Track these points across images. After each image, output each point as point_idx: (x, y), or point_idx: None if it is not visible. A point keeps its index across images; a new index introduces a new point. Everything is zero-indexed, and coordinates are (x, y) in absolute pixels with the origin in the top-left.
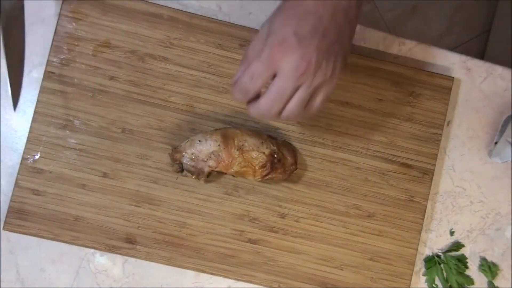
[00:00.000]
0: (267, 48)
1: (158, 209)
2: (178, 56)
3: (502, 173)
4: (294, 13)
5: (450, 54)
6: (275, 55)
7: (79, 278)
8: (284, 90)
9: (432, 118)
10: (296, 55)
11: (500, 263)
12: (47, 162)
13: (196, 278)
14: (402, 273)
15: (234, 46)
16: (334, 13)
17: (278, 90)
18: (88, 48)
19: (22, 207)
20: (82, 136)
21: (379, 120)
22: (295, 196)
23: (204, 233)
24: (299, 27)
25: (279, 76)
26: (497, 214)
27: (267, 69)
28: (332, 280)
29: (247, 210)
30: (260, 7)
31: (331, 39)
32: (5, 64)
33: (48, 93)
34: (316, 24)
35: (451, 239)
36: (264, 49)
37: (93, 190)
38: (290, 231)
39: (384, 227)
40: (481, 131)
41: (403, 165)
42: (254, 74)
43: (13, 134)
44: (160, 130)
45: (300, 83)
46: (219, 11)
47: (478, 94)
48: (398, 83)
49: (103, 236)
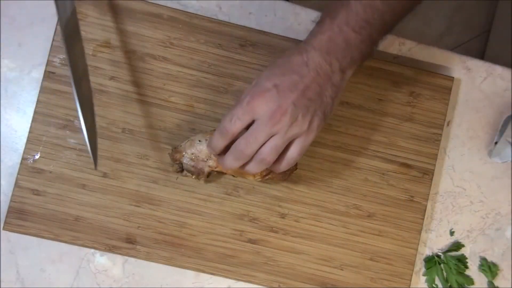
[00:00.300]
0: (249, 96)
1: (158, 209)
2: (178, 56)
3: (502, 173)
4: (280, 69)
5: (450, 54)
6: (254, 102)
7: (79, 278)
8: (258, 133)
9: (432, 118)
10: (273, 104)
11: (500, 263)
12: (47, 162)
13: (196, 278)
14: (402, 273)
15: (234, 46)
16: (317, 76)
17: (252, 133)
18: (88, 48)
19: (22, 207)
20: (82, 136)
21: (379, 120)
22: (295, 196)
23: (204, 233)
24: (281, 81)
25: (256, 122)
26: (497, 214)
27: (246, 114)
28: (332, 280)
29: (247, 210)
30: (260, 7)
31: (310, 96)
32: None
33: (48, 93)
34: (297, 81)
35: (451, 239)
36: (247, 96)
37: (93, 190)
38: (290, 231)
39: (384, 227)
40: (481, 131)
41: (403, 165)
42: (233, 117)
43: (13, 134)
44: (160, 130)
45: (274, 131)
46: (219, 11)
47: (478, 94)
48: (398, 83)
49: (103, 236)
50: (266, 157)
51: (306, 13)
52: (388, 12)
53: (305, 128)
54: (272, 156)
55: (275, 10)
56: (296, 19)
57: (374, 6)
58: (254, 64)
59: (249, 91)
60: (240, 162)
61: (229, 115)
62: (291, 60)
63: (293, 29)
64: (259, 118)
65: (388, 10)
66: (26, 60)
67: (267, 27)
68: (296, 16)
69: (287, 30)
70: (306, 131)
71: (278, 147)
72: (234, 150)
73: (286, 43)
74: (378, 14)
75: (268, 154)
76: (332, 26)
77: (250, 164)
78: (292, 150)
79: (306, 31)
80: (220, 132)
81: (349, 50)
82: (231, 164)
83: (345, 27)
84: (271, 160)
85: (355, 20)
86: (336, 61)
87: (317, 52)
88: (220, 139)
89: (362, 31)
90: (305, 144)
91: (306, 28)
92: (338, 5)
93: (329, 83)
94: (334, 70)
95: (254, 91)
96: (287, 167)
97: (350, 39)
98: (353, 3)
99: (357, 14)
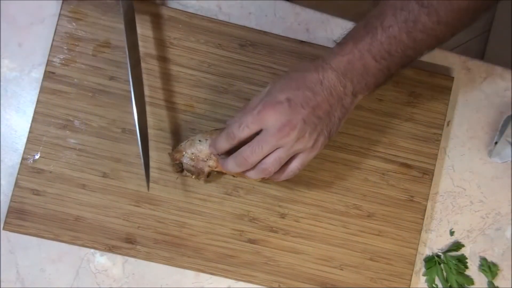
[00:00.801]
0: (261, 105)
1: (158, 209)
2: (178, 56)
3: (502, 173)
4: (294, 83)
5: (450, 54)
6: (265, 113)
7: (79, 278)
8: (264, 143)
9: (432, 118)
10: (283, 118)
11: (500, 263)
12: (47, 162)
13: (196, 278)
14: (402, 273)
15: (234, 46)
16: (329, 95)
17: (259, 142)
18: (88, 48)
19: (22, 207)
20: (82, 136)
21: (379, 120)
22: (295, 196)
23: (204, 233)
24: (294, 96)
25: (263, 132)
26: (497, 214)
27: (255, 123)
28: (332, 280)
29: (247, 210)
30: (260, 7)
31: (319, 115)
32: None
33: (48, 93)
34: (310, 98)
35: (451, 239)
36: (258, 105)
37: (93, 190)
38: (290, 231)
39: (384, 227)
40: (481, 131)
41: (403, 165)
42: (242, 123)
43: (13, 134)
44: (160, 130)
45: (280, 144)
46: (219, 11)
47: (478, 94)
48: (398, 83)
49: (103, 236)
50: (269, 168)
51: (306, 13)
52: (411, 47)
53: (310, 145)
54: (274, 168)
55: (275, 10)
56: (296, 19)
57: (399, 39)
58: (254, 64)
59: (261, 100)
60: (242, 168)
61: (238, 121)
62: (306, 75)
63: (293, 29)
64: (267, 128)
65: (412, 45)
66: (26, 60)
67: (267, 27)
68: (296, 16)
69: (287, 30)
70: (310, 148)
71: (281, 159)
72: (238, 156)
73: (286, 43)
74: (401, 48)
75: (271, 165)
76: (354, 50)
77: (251, 171)
78: (294, 163)
79: (306, 31)
80: (227, 135)
81: (366, 76)
82: (232, 168)
83: (367, 54)
84: (272, 171)
85: (377, 49)
86: (350, 84)
87: (334, 72)
88: (225, 142)
89: (382, 61)
90: (307, 159)
91: (306, 28)
92: (364, 30)
93: (340, 104)
94: (347, 93)
95: (266, 101)
96: (286, 178)
97: (369, 67)
98: (379, 32)
99: (381, 44)
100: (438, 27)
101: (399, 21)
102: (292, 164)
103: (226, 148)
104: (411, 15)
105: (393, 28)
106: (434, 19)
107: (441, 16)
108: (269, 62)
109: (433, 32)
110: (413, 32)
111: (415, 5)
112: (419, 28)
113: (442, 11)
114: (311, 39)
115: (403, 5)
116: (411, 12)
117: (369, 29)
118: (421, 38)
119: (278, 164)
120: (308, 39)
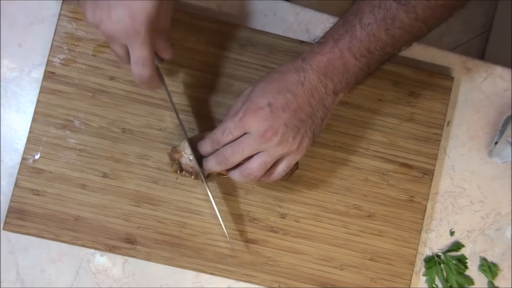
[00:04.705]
0: (242, 112)
1: (158, 209)
2: (178, 56)
3: (502, 173)
4: (275, 85)
5: (450, 54)
6: (246, 119)
7: (79, 278)
8: (245, 146)
9: (432, 118)
10: (265, 123)
11: (500, 263)
12: (47, 162)
13: (196, 278)
14: (402, 273)
15: (234, 46)
16: (310, 96)
17: (240, 144)
18: (88, 48)
19: (22, 207)
20: (82, 136)
21: (379, 120)
22: (295, 196)
23: (204, 233)
24: (275, 100)
25: (246, 135)
26: (497, 214)
27: (238, 129)
28: (332, 280)
29: (247, 210)
30: (260, 7)
31: (301, 117)
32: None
33: (48, 93)
34: (291, 101)
35: (451, 239)
36: (240, 111)
37: (93, 190)
38: (290, 231)
39: (384, 227)
40: (481, 131)
41: (403, 165)
42: (225, 130)
43: (13, 134)
44: (160, 130)
45: (262, 148)
46: (219, 11)
47: (478, 94)
48: (398, 83)
49: (103, 236)
50: (254, 173)
51: (306, 13)
52: (390, 44)
53: (295, 148)
54: (260, 172)
55: (275, 10)
56: (296, 19)
57: (378, 36)
58: (254, 64)
59: (243, 103)
60: (221, 167)
61: (222, 127)
62: (286, 77)
63: (293, 29)
64: (250, 133)
65: (391, 42)
66: (26, 60)
67: (267, 27)
68: (296, 16)
69: (287, 30)
70: (295, 151)
71: (267, 164)
72: (219, 155)
73: (286, 43)
74: (380, 45)
75: (256, 170)
76: (334, 49)
77: (235, 173)
78: (280, 166)
79: (306, 31)
80: (211, 140)
81: (346, 75)
82: (212, 167)
83: (347, 52)
84: (258, 176)
85: (357, 47)
86: (331, 83)
87: (314, 73)
88: (209, 146)
89: (362, 59)
90: (293, 161)
91: (306, 28)
92: (343, 29)
93: (321, 104)
94: (328, 93)
95: (247, 107)
96: (272, 181)
97: (349, 65)
98: (358, 30)
99: (361, 42)
100: (416, 23)
101: (377, 19)
102: (278, 167)
103: (211, 151)
104: (389, 13)
105: (372, 26)
106: (412, 16)
107: (419, 13)
108: (269, 62)
109: (411, 29)
110: (391, 29)
111: (393, 3)
112: (398, 25)
113: (420, 8)
114: (311, 39)
115: (380, 3)
116: (389, 10)
117: (348, 27)
118: (399, 35)
119: (264, 168)
120: (308, 39)
